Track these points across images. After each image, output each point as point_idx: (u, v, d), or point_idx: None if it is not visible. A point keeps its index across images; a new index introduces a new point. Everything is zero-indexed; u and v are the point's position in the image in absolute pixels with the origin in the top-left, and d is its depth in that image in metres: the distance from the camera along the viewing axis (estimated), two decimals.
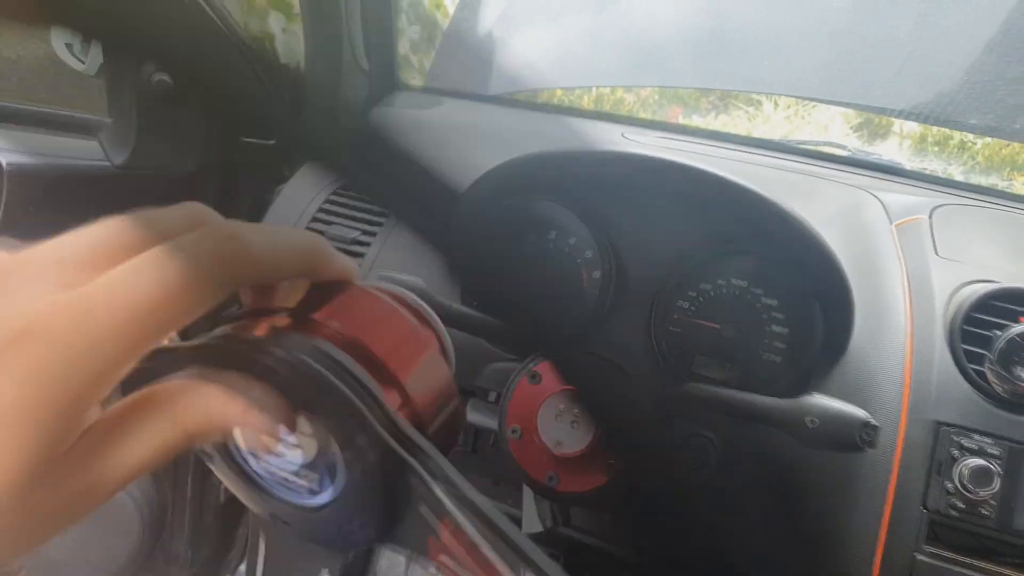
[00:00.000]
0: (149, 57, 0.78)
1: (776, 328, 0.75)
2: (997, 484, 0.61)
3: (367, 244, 0.88)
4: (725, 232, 0.76)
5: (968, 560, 0.63)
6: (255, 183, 1.13)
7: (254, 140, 1.12)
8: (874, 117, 1.51)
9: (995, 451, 0.63)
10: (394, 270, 0.67)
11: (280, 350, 0.26)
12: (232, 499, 1.17)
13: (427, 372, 0.31)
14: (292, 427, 0.27)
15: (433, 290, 0.60)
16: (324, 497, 0.29)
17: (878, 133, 1.51)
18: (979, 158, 1.34)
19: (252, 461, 0.30)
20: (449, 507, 0.26)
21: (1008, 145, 1.35)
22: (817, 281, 0.70)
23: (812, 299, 0.71)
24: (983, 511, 0.62)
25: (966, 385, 0.66)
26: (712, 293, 0.76)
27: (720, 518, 0.82)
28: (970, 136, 1.40)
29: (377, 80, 1.17)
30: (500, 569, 0.25)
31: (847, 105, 1.23)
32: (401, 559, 1.30)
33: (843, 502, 0.65)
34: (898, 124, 1.53)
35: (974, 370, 0.66)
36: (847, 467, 0.65)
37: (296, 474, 0.29)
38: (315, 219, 0.91)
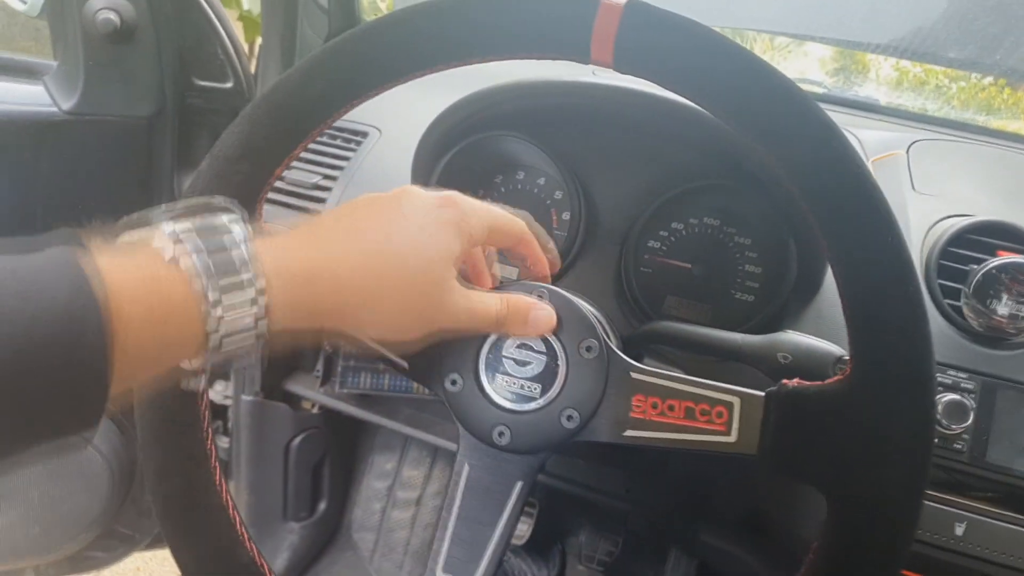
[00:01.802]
0: None
1: (749, 267, 0.73)
2: (971, 418, 0.60)
3: (328, 189, 0.85)
4: (696, 166, 0.73)
5: (940, 495, 0.63)
6: (214, 129, 1.07)
7: (211, 83, 1.06)
8: (851, 64, 1.48)
9: (970, 386, 0.62)
10: None
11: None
12: None
13: None
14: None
15: None
16: (543, 400, 0.44)
17: (855, 81, 1.49)
18: (954, 103, 1.32)
19: (494, 381, 0.45)
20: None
21: (983, 89, 1.33)
22: (791, 215, 0.68)
23: (787, 235, 0.69)
24: (956, 445, 0.61)
25: (941, 320, 0.65)
26: (684, 232, 0.74)
27: (696, 465, 0.81)
28: (945, 81, 1.38)
29: (337, 19, 1.11)
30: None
31: (823, 40, 1.19)
32: (377, 507, 1.30)
33: None
34: (874, 71, 1.50)
35: (950, 305, 0.65)
36: None
37: (523, 386, 0.44)
38: None
